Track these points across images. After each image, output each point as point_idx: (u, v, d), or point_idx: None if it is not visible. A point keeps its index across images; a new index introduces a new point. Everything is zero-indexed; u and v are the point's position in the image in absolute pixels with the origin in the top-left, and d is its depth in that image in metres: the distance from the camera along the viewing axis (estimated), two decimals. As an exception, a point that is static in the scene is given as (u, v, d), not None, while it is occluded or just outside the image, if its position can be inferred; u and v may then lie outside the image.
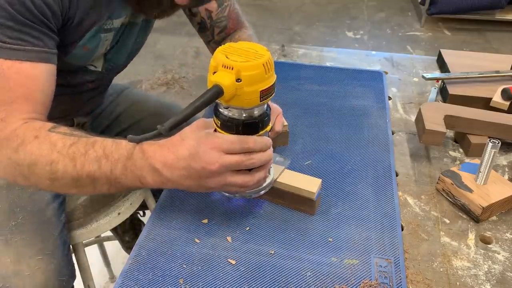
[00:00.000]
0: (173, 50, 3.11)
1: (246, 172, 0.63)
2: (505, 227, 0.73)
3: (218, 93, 0.57)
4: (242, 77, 0.57)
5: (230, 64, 0.57)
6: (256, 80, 0.58)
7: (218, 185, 0.63)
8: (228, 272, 0.63)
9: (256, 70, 0.58)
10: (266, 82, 0.59)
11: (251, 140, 0.62)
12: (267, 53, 0.60)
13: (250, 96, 0.59)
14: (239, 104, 0.60)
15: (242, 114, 0.62)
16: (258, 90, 0.59)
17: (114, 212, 0.96)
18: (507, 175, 0.84)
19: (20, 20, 0.64)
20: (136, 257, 0.65)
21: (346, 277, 0.62)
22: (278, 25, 3.64)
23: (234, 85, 0.57)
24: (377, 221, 0.72)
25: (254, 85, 0.58)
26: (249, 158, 0.62)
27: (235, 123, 0.62)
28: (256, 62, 0.57)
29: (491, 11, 3.47)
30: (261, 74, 0.58)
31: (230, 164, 0.61)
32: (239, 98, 0.58)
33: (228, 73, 0.57)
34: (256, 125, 0.63)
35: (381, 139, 0.91)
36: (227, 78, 0.57)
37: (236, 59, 0.58)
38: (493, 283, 0.63)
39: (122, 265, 0.65)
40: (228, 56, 0.58)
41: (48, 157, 0.64)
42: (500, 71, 1.06)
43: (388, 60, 1.25)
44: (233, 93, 0.58)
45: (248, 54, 0.59)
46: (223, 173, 0.61)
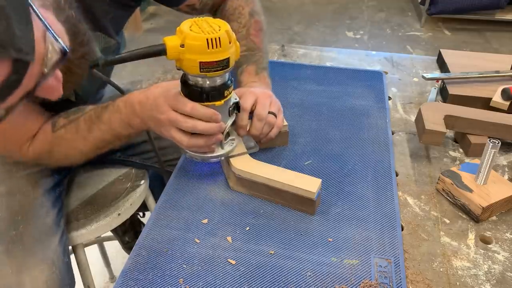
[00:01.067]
0: (173, 50, 3.11)
1: (188, 133, 0.71)
2: (505, 227, 0.73)
3: (161, 50, 0.65)
4: (185, 44, 0.64)
5: (181, 31, 0.65)
6: (197, 51, 0.64)
7: (167, 134, 0.72)
8: (228, 272, 0.63)
9: (199, 41, 0.64)
10: (208, 56, 0.64)
11: (190, 105, 0.69)
12: (220, 33, 0.65)
13: (190, 63, 0.65)
14: (184, 69, 0.67)
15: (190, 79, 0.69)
16: (197, 60, 0.64)
17: (114, 212, 0.96)
18: (507, 175, 0.84)
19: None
20: (136, 257, 0.65)
21: (346, 277, 0.62)
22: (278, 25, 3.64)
23: (177, 49, 0.64)
24: (377, 221, 0.72)
25: (195, 54, 0.64)
26: (185, 120, 0.69)
27: (184, 84, 0.70)
28: (202, 35, 0.64)
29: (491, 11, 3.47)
30: (202, 46, 0.64)
31: (172, 119, 0.70)
32: (182, 62, 0.66)
33: (176, 38, 0.65)
34: (200, 94, 0.69)
35: (381, 139, 0.91)
36: (174, 41, 0.65)
37: (193, 29, 0.65)
38: (493, 283, 0.63)
39: (122, 265, 0.65)
40: (192, 27, 0.65)
41: (74, 148, 0.79)
42: (500, 71, 1.06)
43: (388, 60, 1.25)
44: (177, 56, 0.65)
45: (209, 28, 0.65)
46: (169, 125, 0.70)
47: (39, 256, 0.80)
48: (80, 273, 1.01)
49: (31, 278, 0.78)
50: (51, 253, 0.82)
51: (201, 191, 0.78)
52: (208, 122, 0.70)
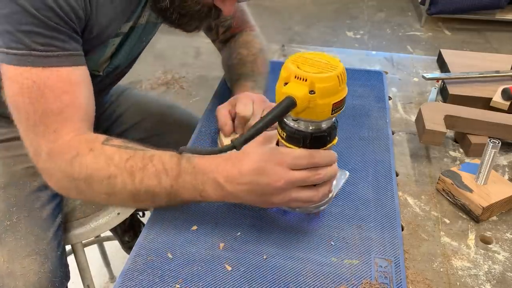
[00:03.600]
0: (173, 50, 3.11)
1: (311, 187, 0.62)
2: (505, 227, 0.73)
3: (291, 105, 0.55)
4: (316, 89, 0.55)
5: (304, 76, 0.55)
6: (330, 93, 0.56)
7: (282, 201, 0.62)
8: (228, 273, 0.63)
9: (331, 82, 0.55)
10: (339, 95, 0.57)
11: (318, 154, 0.60)
12: (340, 64, 0.57)
13: (322, 109, 0.57)
14: (310, 117, 0.58)
15: (309, 127, 0.60)
16: (331, 103, 0.57)
17: (114, 212, 0.96)
18: (507, 175, 0.84)
19: (49, 25, 0.62)
20: (136, 257, 0.65)
21: (346, 277, 0.62)
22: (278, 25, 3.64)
23: (307, 97, 0.55)
24: (377, 221, 0.71)
25: (327, 97, 0.56)
26: (316, 173, 0.60)
27: (303, 135, 0.60)
28: (331, 74, 0.56)
29: (491, 11, 3.47)
30: (335, 86, 0.56)
31: (296, 180, 0.60)
32: (310, 110, 0.56)
33: (301, 85, 0.55)
34: (325, 138, 0.61)
35: (381, 139, 0.91)
36: (300, 90, 0.55)
37: (308, 70, 0.56)
38: (493, 283, 0.63)
39: (122, 265, 0.65)
40: (300, 67, 0.56)
41: (105, 171, 0.63)
42: (500, 71, 1.06)
43: (388, 60, 1.25)
44: (306, 105, 0.56)
45: (320, 65, 0.57)
46: (288, 189, 0.60)
47: (31, 247, 0.81)
48: (80, 273, 1.01)
49: (22, 267, 0.78)
50: (44, 245, 0.82)
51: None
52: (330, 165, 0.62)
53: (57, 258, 0.84)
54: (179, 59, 2.99)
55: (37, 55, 0.62)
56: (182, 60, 2.98)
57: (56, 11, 0.62)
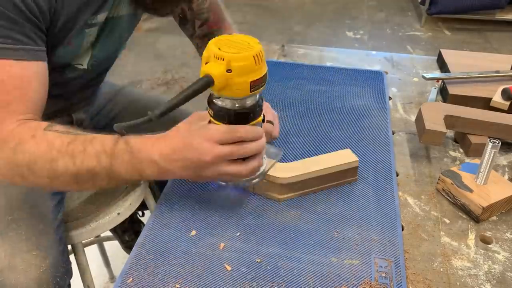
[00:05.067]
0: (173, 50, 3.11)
1: (240, 161, 0.65)
2: (505, 227, 0.73)
3: (209, 82, 0.59)
4: (232, 67, 0.59)
5: (221, 55, 0.59)
6: (246, 71, 0.59)
7: (213, 175, 0.64)
8: (228, 273, 0.63)
9: (246, 61, 0.59)
10: (256, 73, 0.60)
11: (242, 129, 0.63)
12: (258, 45, 0.61)
13: (240, 87, 0.60)
14: (230, 94, 0.61)
15: (234, 104, 0.63)
16: (248, 81, 0.60)
17: (114, 212, 0.96)
18: (507, 175, 0.84)
19: (10, 17, 0.63)
20: (136, 257, 0.65)
21: (346, 277, 0.62)
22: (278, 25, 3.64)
23: (225, 75, 0.59)
24: (377, 221, 0.71)
25: (244, 75, 0.59)
26: (241, 147, 0.63)
27: (227, 112, 0.64)
28: (247, 53, 0.59)
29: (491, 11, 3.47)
30: (251, 65, 0.59)
31: (223, 154, 0.63)
32: (230, 88, 0.60)
33: (219, 64, 0.59)
34: (247, 115, 0.65)
35: (381, 139, 0.91)
36: (218, 68, 0.59)
37: (227, 50, 0.59)
38: (493, 283, 0.63)
39: (122, 265, 0.65)
40: (220, 48, 0.60)
41: (47, 156, 0.64)
42: (500, 71, 1.06)
43: (388, 60, 1.25)
44: (224, 83, 0.59)
45: (240, 45, 0.61)
46: (217, 163, 0.63)
47: (32, 242, 0.81)
48: (80, 273, 1.00)
49: (23, 262, 0.78)
50: (45, 241, 0.82)
51: (201, 191, 0.78)
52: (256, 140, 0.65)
53: (59, 254, 0.84)
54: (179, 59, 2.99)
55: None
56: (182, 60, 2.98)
57: (17, 4, 0.62)
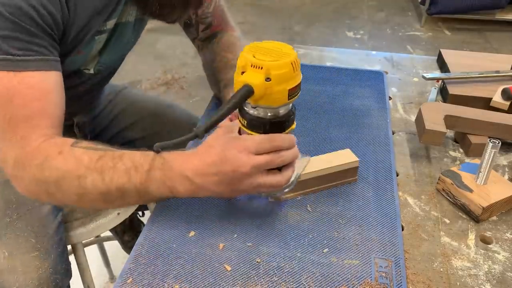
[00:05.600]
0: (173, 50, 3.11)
1: (276, 172, 0.63)
2: (505, 227, 0.73)
3: (249, 92, 0.57)
4: (271, 76, 0.57)
5: (259, 64, 0.57)
6: (285, 79, 0.58)
7: (250, 187, 0.62)
8: (228, 273, 0.63)
9: (285, 68, 0.58)
10: (294, 81, 0.59)
11: (279, 138, 0.62)
12: (293, 51, 0.60)
13: (279, 95, 0.59)
14: (268, 103, 0.60)
15: (267, 113, 0.62)
16: (286, 89, 0.59)
17: (114, 212, 0.96)
18: (507, 175, 0.84)
19: (28, 30, 0.62)
20: (136, 257, 0.65)
21: (346, 278, 0.62)
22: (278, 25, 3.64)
23: (264, 85, 0.57)
24: (377, 221, 0.71)
25: (283, 84, 0.58)
26: (279, 156, 0.62)
27: (262, 122, 0.62)
28: (285, 60, 0.58)
29: (491, 11, 3.48)
30: (289, 72, 0.58)
31: (261, 164, 0.61)
32: (268, 97, 0.59)
33: (257, 73, 0.57)
34: (283, 124, 0.63)
35: (381, 139, 0.91)
36: (257, 78, 0.57)
37: (264, 58, 0.58)
38: (493, 283, 0.63)
39: (122, 265, 0.65)
40: (255, 56, 0.59)
41: (76, 172, 0.63)
42: (500, 71, 1.06)
43: (388, 60, 1.25)
44: (263, 92, 0.58)
45: (275, 53, 0.59)
46: (254, 174, 0.61)
47: (32, 243, 0.81)
48: (80, 273, 1.01)
49: (22, 263, 0.78)
50: (45, 242, 0.82)
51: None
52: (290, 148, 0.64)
53: (58, 255, 0.84)
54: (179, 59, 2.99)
55: (14, 60, 0.62)
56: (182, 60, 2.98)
57: (34, 17, 0.62)
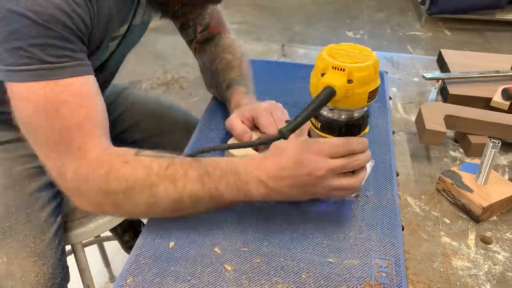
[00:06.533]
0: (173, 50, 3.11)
1: (350, 174, 0.63)
2: (506, 227, 0.73)
3: (331, 94, 0.57)
4: (354, 78, 0.57)
5: (342, 66, 0.57)
6: (366, 81, 0.58)
7: (324, 191, 0.62)
8: (228, 273, 0.63)
9: (367, 71, 0.58)
10: (374, 83, 0.59)
11: (355, 141, 0.61)
12: (373, 54, 0.60)
13: (359, 97, 0.59)
14: (347, 106, 0.60)
15: (342, 116, 0.62)
16: (367, 91, 0.59)
17: (114, 212, 0.96)
18: (507, 175, 0.84)
19: (60, 36, 0.60)
20: (136, 257, 0.65)
21: (346, 278, 0.62)
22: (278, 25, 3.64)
23: (346, 86, 0.57)
24: (377, 221, 0.71)
25: (364, 86, 0.58)
26: (355, 159, 0.61)
27: (338, 124, 0.62)
28: (367, 63, 0.58)
29: (491, 11, 3.48)
30: (371, 75, 0.58)
31: (337, 168, 0.60)
32: (348, 99, 0.59)
33: (339, 75, 0.57)
34: (359, 126, 0.63)
35: (382, 139, 0.91)
36: (339, 80, 0.57)
37: (345, 61, 0.58)
38: (493, 283, 0.63)
39: (122, 265, 0.65)
40: (336, 58, 0.58)
41: (146, 181, 0.62)
42: (500, 71, 1.06)
43: (388, 60, 1.25)
44: (344, 94, 0.58)
45: (355, 55, 0.59)
46: (329, 178, 0.61)
47: (30, 248, 0.81)
48: (79, 273, 1.01)
49: (21, 269, 0.78)
50: (43, 247, 0.82)
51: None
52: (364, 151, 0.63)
53: (57, 260, 0.84)
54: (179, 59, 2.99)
55: (52, 68, 0.60)
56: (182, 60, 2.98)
57: (66, 22, 0.60)
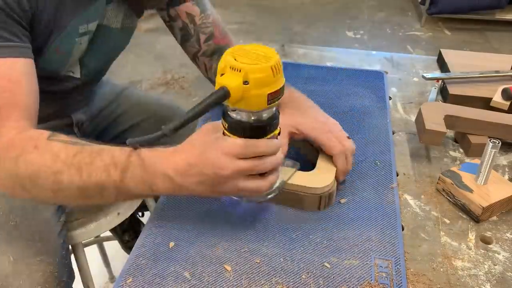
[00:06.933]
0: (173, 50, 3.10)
1: (258, 176, 0.62)
2: (506, 227, 0.73)
3: (225, 95, 0.56)
4: (249, 79, 0.56)
5: (238, 66, 0.56)
6: (264, 83, 0.56)
7: (231, 191, 0.62)
8: (228, 273, 0.63)
9: (264, 73, 0.56)
10: (274, 85, 0.57)
11: (263, 143, 0.60)
12: (275, 55, 0.58)
13: (257, 99, 0.57)
14: (247, 107, 0.58)
15: (250, 117, 0.60)
16: (265, 93, 0.57)
17: (114, 212, 0.96)
18: (507, 175, 0.84)
19: None
20: (136, 257, 0.65)
21: (346, 278, 0.62)
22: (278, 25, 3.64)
23: (241, 88, 0.56)
24: (377, 221, 0.71)
25: (261, 88, 0.56)
26: (262, 162, 0.60)
27: (243, 126, 0.60)
28: (264, 65, 0.56)
29: (491, 11, 3.47)
30: (269, 77, 0.56)
31: (243, 170, 0.60)
32: (246, 101, 0.57)
33: (235, 75, 0.56)
34: (265, 128, 0.62)
35: (382, 139, 0.91)
36: (234, 80, 0.56)
37: (244, 61, 0.56)
38: (493, 283, 0.63)
39: (122, 265, 0.65)
40: (237, 58, 0.57)
41: (52, 168, 0.61)
42: (500, 71, 1.06)
43: (388, 60, 1.25)
44: (240, 95, 0.56)
45: (257, 56, 0.58)
46: (236, 178, 0.60)
47: (37, 247, 0.80)
48: (79, 273, 1.00)
49: (27, 267, 0.78)
50: (49, 246, 0.82)
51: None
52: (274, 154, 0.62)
53: (62, 258, 0.84)
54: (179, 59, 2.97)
55: None
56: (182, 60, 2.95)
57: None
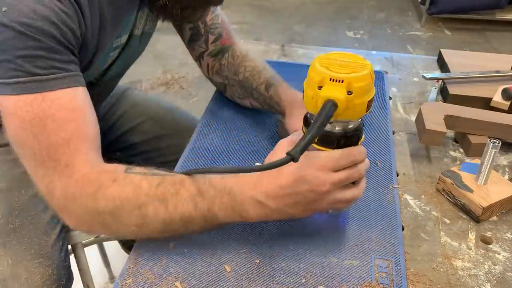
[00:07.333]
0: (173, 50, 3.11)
1: (351, 185, 0.61)
2: (506, 227, 0.73)
3: (334, 108, 0.54)
4: (353, 89, 0.54)
5: (340, 77, 0.54)
6: (365, 91, 0.56)
7: (327, 205, 0.60)
8: (228, 273, 0.63)
9: (365, 81, 0.55)
10: (371, 92, 0.57)
11: (356, 151, 0.59)
12: (366, 61, 0.57)
13: (359, 108, 0.56)
14: (348, 117, 0.57)
15: (347, 127, 0.60)
16: (366, 101, 0.56)
17: (114, 212, 0.96)
18: (507, 175, 0.84)
19: (49, 47, 0.58)
20: (136, 257, 0.65)
21: (346, 278, 0.62)
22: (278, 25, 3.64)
23: (346, 98, 0.55)
24: (377, 221, 0.71)
25: (363, 96, 0.56)
26: (357, 170, 0.60)
27: (336, 136, 0.59)
28: (365, 72, 0.55)
29: (491, 11, 3.48)
30: (369, 84, 0.56)
31: (341, 181, 0.58)
32: (349, 111, 0.56)
33: (337, 87, 0.54)
34: (357, 137, 0.61)
35: (382, 139, 0.91)
36: (339, 92, 0.54)
37: (342, 71, 0.55)
38: (493, 283, 0.63)
39: (122, 265, 0.65)
40: (331, 69, 0.56)
41: (135, 201, 0.59)
42: (500, 71, 1.06)
43: (388, 60, 1.25)
44: (345, 106, 0.55)
45: (350, 65, 0.56)
46: (333, 192, 0.59)
47: (35, 250, 0.80)
48: (79, 273, 1.01)
49: (26, 270, 0.78)
50: (47, 248, 0.82)
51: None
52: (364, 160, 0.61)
53: (61, 261, 0.84)
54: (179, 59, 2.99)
55: (40, 80, 0.58)
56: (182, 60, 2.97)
57: (54, 33, 0.58)
